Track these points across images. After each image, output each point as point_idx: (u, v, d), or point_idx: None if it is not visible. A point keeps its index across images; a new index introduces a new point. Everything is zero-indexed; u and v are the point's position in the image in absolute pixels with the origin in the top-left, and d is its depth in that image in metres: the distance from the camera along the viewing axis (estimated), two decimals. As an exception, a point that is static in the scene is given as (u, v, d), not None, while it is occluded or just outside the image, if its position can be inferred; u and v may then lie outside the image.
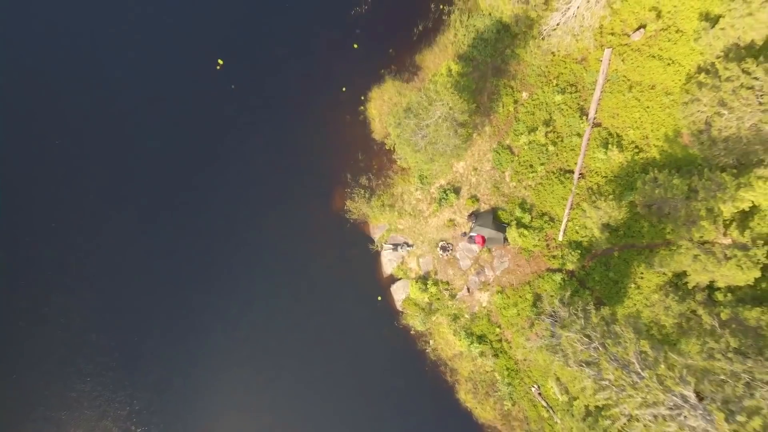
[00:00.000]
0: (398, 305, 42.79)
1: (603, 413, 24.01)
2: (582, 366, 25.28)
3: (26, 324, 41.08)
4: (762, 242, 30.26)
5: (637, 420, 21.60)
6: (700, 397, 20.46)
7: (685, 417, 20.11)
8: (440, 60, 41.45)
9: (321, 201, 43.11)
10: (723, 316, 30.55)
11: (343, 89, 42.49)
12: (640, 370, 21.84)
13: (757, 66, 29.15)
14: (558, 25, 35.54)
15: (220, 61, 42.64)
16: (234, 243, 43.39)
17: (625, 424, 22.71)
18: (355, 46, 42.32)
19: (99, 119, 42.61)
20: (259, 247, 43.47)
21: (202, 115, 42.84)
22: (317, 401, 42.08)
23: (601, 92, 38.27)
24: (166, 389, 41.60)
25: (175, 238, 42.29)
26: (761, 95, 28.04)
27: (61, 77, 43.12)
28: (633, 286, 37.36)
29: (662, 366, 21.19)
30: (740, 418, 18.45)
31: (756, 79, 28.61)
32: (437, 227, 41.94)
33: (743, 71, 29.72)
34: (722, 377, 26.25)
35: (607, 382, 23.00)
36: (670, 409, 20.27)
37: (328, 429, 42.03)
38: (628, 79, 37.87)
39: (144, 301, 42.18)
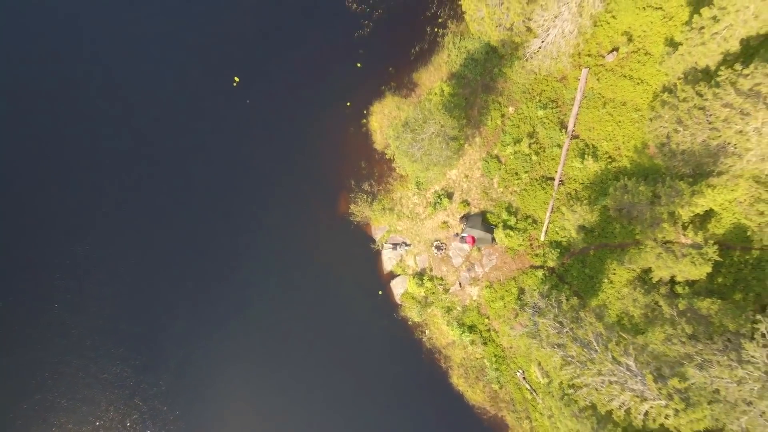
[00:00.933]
0: (397, 299, 46.95)
1: (567, 383, 28.15)
2: (554, 347, 29.44)
3: (62, 312, 45.30)
4: (713, 242, 34.45)
5: (594, 388, 25.80)
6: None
7: (627, 382, 24.34)
8: (435, 78, 45.69)
9: (327, 205, 47.27)
10: (680, 306, 34.73)
11: (348, 104, 46.71)
12: (597, 347, 26.02)
13: (708, 89, 33.34)
14: (539, 49, 39.75)
15: (236, 79, 46.89)
16: (246, 244, 47.48)
17: (586, 392, 26.90)
18: (359, 65, 46.48)
19: (128, 132, 46.90)
20: (271, 246, 47.48)
21: (220, 126, 47.06)
22: (323, 384, 46.04)
23: (579, 108, 42.38)
24: (186, 373, 45.73)
25: (198, 238, 46.47)
26: (710, 115, 32.20)
27: (88, 90, 47.33)
28: (606, 281, 41.49)
29: (612, 343, 25.36)
30: (670, 382, 22.59)
31: (706, 100, 32.80)
32: (432, 228, 46.10)
33: (697, 93, 33.83)
34: (677, 358, 30.57)
35: (571, 358, 27.21)
36: (618, 376, 24.61)
37: (332, 409, 46.04)
38: (603, 96, 42.03)
39: (167, 292, 46.39)
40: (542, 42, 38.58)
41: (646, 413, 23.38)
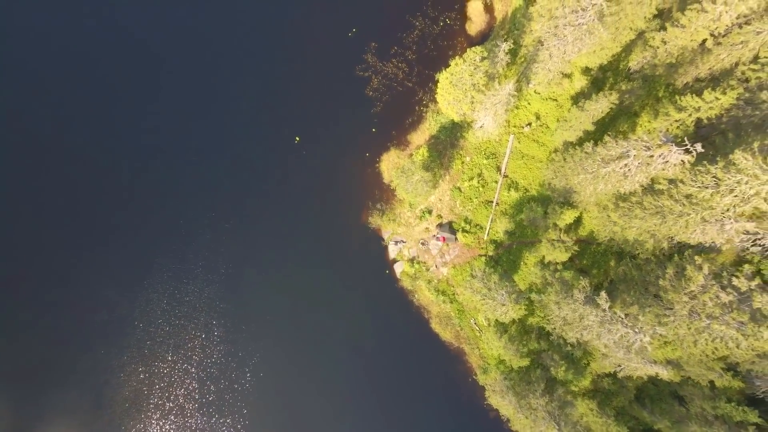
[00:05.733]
0: (397, 275, 72.05)
1: (484, 315, 53.82)
2: (478, 293, 55.02)
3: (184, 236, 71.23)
4: (575, 239, 59.72)
5: (492, 307, 51.48)
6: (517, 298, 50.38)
7: (502, 300, 50.00)
8: (421, 139, 70.97)
9: (354, 217, 72.04)
10: (556, 276, 60.06)
11: (367, 154, 71.79)
12: (493, 287, 51.61)
13: (569, 156, 58.68)
14: (481, 126, 65.25)
15: (297, 138, 72.32)
16: (304, 241, 72.54)
17: (491, 313, 52.66)
18: (374, 130, 71.78)
19: (222, 171, 72.40)
20: (317, 243, 72.42)
21: (286, 168, 72.24)
22: (341, 332, 70.06)
23: (508, 158, 67.71)
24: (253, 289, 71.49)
25: (275, 233, 71.67)
26: (567, 171, 57.49)
27: (185, 156, 72.80)
28: (523, 263, 66.68)
29: (498, 285, 50.81)
30: (512, 296, 48.20)
31: (566, 162, 58.13)
32: (419, 232, 71.37)
33: (563, 158, 59.31)
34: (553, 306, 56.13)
35: (484, 296, 52.72)
36: (499, 299, 50.52)
37: (349, 344, 69.99)
38: (522, 152, 67.07)
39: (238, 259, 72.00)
40: (482, 123, 64.10)
41: (506, 314, 49.04)
